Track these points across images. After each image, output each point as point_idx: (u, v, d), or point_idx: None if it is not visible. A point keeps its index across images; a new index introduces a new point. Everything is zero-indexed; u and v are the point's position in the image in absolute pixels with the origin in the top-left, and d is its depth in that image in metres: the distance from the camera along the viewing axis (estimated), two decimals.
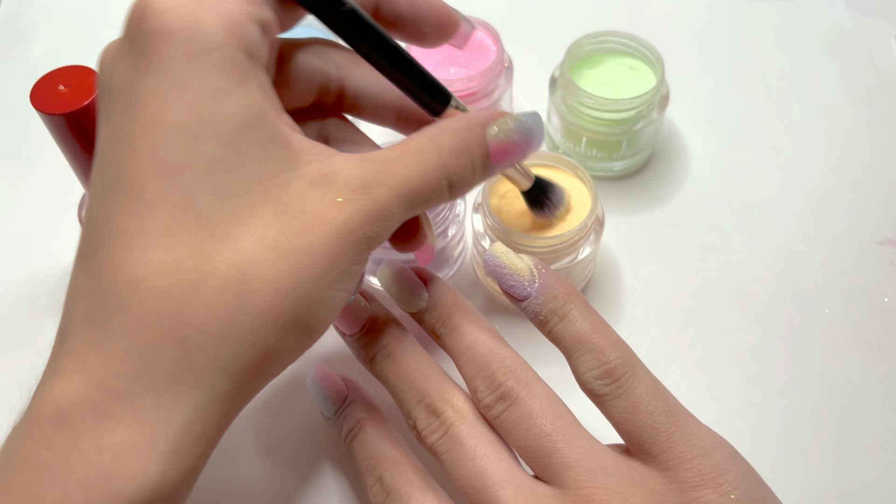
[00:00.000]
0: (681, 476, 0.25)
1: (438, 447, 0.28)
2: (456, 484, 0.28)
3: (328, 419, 0.33)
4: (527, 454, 0.27)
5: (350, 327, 0.32)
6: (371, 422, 0.32)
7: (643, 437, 0.26)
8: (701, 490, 0.25)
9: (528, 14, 0.55)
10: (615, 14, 0.54)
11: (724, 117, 0.48)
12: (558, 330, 0.29)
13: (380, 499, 0.29)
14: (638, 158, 0.45)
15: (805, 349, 0.39)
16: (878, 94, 0.49)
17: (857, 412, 0.37)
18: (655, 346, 0.39)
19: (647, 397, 0.27)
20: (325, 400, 0.33)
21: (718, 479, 0.25)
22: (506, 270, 0.30)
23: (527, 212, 0.37)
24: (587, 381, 0.28)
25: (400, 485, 0.29)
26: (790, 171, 0.46)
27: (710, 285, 0.41)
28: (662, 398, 0.27)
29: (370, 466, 0.30)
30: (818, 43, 0.52)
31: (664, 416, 0.27)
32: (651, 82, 0.43)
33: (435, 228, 0.38)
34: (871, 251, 0.42)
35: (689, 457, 0.26)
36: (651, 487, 0.26)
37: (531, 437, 0.27)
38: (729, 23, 0.54)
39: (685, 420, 0.27)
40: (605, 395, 0.27)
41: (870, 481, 0.35)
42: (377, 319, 0.32)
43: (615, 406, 0.27)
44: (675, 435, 0.26)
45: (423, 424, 0.29)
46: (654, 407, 0.27)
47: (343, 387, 0.33)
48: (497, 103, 0.44)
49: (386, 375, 0.31)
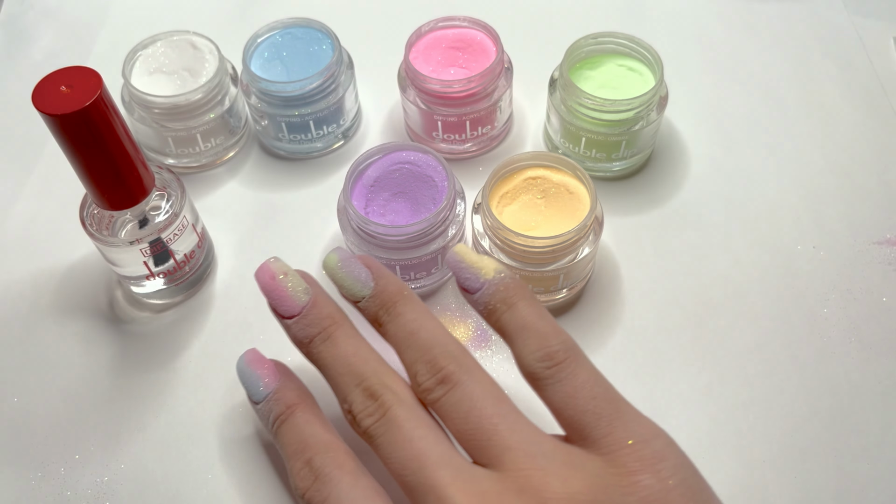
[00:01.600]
0: (620, 461, 0.25)
1: (374, 430, 0.28)
2: (390, 467, 0.27)
3: (256, 404, 0.32)
4: (465, 438, 0.27)
5: (289, 309, 0.31)
6: (303, 407, 0.31)
7: (584, 421, 0.26)
8: (640, 475, 0.25)
9: (527, 15, 0.55)
10: (614, 15, 0.54)
11: (722, 118, 0.48)
12: (506, 318, 0.29)
13: (306, 483, 0.28)
14: (637, 159, 0.45)
15: (804, 349, 0.39)
16: (877, 94, 0.49)
17: (856, 412, 0.37)
18: (655, 346, 0.39)
19: (590, 382, 0.27)
20: (256, 384, 0.32)
21: (657, 465, 0.25)
22: (464, 265, 0.31)
23: (527, 212, 0.37)
24: (529, 363, 0.27)
25: (330, 469, 0.28)
26: (789, 172, 0.46)
27: (709, 285, 0.41)
28: (604, 385, 0.27)
29: (298, 451, 0.29)
30: (817, 43, 0.52)
31: (606, 402, 0.27)
32: (650, 83, 0.43)
33: (435, 229, 0.38)
34: (870, 251, 0.42)
35: (630, 442, 0.26)
36: (590, 471, 0.25)
37: (471, 420, 0.27)
38: (728, 24, 0.54)
39: (626, 407, 0.27)
40: (547, 378, 0.27)
41: (869, 481, 0.35)
42: (317, 302, 0.31)
43: (556, 390, 0.27)
44: (616, 420, 0.26)
45: (360, 407, 0.28)
46: (597, 392, 0.27)
47: (276, 371, 0.32)
48: (497, 104, 0.44)
49: (324, 359, 0.30)
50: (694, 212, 0.44)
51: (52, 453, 0.37)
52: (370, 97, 0.50)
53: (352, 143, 0.48)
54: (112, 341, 0.40)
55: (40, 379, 0.39)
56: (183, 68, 0.45)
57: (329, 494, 0.27)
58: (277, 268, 0.32)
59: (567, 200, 0.38)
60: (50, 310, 0.42)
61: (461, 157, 0.47)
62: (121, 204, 0.36)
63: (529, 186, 0.39)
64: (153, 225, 0.37)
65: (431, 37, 0.45)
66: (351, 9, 0.55)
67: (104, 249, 0.38)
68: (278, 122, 0.45)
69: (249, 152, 0.48)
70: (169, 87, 0.44)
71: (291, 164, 0.47)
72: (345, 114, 0.47)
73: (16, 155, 0.48)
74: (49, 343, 0.41)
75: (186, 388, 0.39)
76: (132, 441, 0.37)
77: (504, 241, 0.37)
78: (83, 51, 0.54)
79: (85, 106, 0.31)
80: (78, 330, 0.41)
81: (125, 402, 0.38)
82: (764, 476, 0.35)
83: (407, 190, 0.40)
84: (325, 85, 0.44)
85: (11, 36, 0.56)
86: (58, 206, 0.46)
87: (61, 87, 0.31)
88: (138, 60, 0.45)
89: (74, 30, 0.56)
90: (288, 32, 0.46)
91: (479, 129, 0.45)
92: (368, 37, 0.53)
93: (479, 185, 0.39)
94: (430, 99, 0.44)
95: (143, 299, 0.42)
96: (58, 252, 0.44)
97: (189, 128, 0.45)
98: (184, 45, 0.46)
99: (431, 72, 0.44)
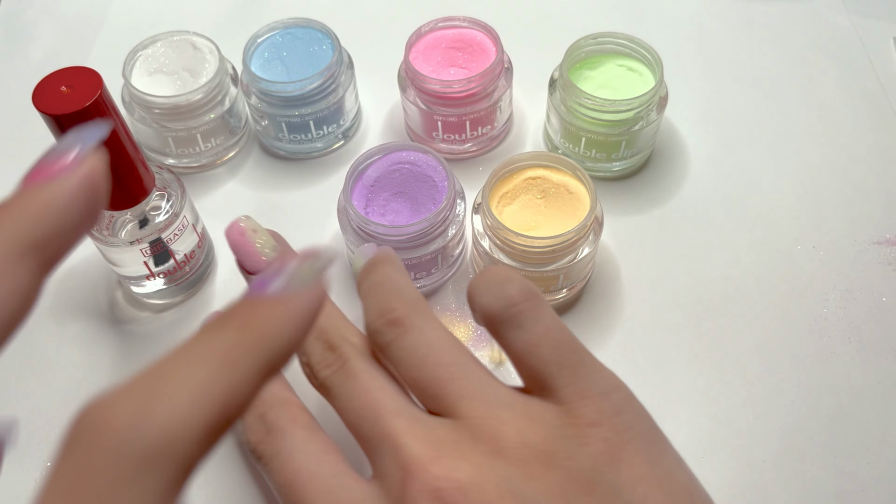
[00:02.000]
0: (579, 412, 0.25)
1: (331, 380, 0.27)
2: (346, 418, 0.26)
3: None
4: (419, 386, 0.26)
5: (254, 265, 0.31)
6: None
7: (546, 371, 0.25)
8: (598, 427, 0.24)
9: (527, 15, 0.55)
10: (614, 15, 0.55)
11: (722, 118, 0.49)
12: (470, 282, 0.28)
13: (258, 436, 0.27)
14: (637, 159, 0.45)
15: (803, 349, 0.39)
16: (877, 94, 0.49)
17: (855, 412, 0.37)
18: (654, 346, 0.39)
19: (555, 330, 0.26)
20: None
21: (616, 418, 0.25)
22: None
23: (527, 212, 0.37)
24: (488, 303, 0.26)
25: (283, 422, 0.27)
26: (788, 172, 0.46)
27: (708, 285, 0.41)
28: (568, 333, 0.26)
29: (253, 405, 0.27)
30: (817, 44, 0.52)
31: (570, 353, 0.26)
32: (650, 83, 0.43)
33: (435, 229, 0.38)
34: (870, 251, 0.42)
35: (590, 394, 0.25)
36: (548, 421, 0.25)
37: (427, 367, 0.26)
38: (728, 24, 0.54)
39: (589, 358, 0.26)
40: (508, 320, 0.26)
41: (869, 481, 0.35)
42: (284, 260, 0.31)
43: (518, 337, 0.26)
44: (579, 370, 0.25)
45: (318, 359, 0.28)
46: (561, 341, 0.26)
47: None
48: (497, 104, 0.44)
49: None
50: (694, 212, 0.44)
51: (53, 453, 0.37)
52: (370, 97, 0.50)
53: (352, 143, 0.48)
54: (112, 341, 0.40)
55: (41, 379, 0.39)
56: (183, 68, 0.45)
57: (281, 448, 0.26)
58: (247, 224, 0.32)
59: (567, 200, 0.38)
60: (50, 310, 0.42)
61: (461, 157, 0.47)
62: (121, 204, 0.36)
63: (529, 186, 0.39)
64: (153, 225, 0.37)
65: (431, 37, 0.45)
66: (351, 9, 0.55)
67: (104, 249, 0.38)
68: (278, 122, 0.45)
69: (250, 152, 0.48)
70: (169, 88, 0.44)
71: (291, 165, 0.47)
72: (345, 114, 0.47)
73: (16, 155, 0.48)
74: (49, 343, 0.41)
75: None
76: None
77: (504, 241, 0.37)
78: (83, 50, 0.54)
79: (85, 106, 0.31)
80: (78, 330, 0.41)
81: None
82: (764, 476, 0.35)
83: (407, 190, 0.40)
84: (325, 85, 0.44)
85: (11, 34, 0.56)
86: None
87: (62, 88, 0.31)
88: (138, 61, 0.45)
89: (74, 29, 0.56)
90: (288, 32, 0.46)
91: (479, 129, 0.45)
92: (368, 37, 0.53)
93: (479, 185, 0.39)
94: (430, 99, 0.44)
95: (143, 299, 0.42)
96: None
97: (189, 128, 0.45)
98: (184, 45, 0.46)
99: (431, 72, 0.44)
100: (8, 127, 0.50)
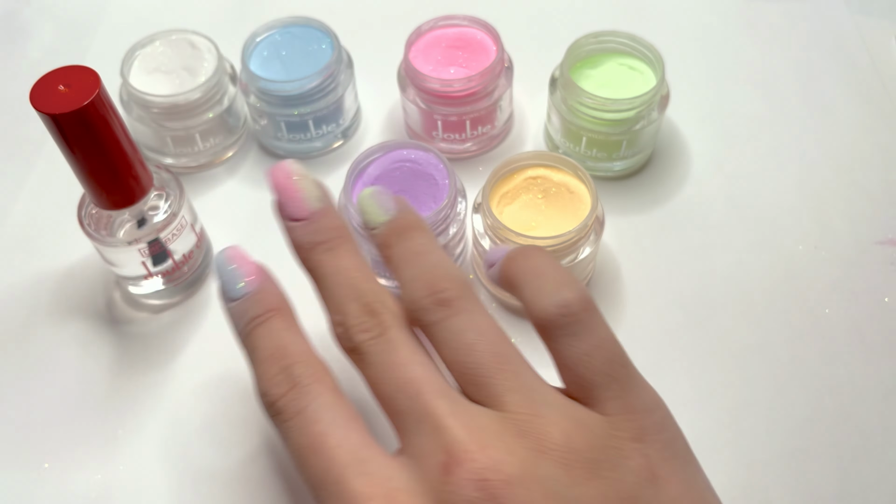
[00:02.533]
0: (623, 426, 0.25)
1: (368, 346, 0.26)
2: (379, 387, 0.25)
3: (230, 301, 0.29)
4: (464, 371, 0.25)
5: (297, 211, 0.29)
6: (283, 313, 0.28)
7: (596, 381, 0.25)
8: (640, 443, 0.24)
9: (528, 14, 0.55)
10: (615, 14, 0.54)
11: (724, 117, 0.48)
12: (518, 264, 0.28)
13: (281, 389, 0.25)
14: (638, 158, 0.45)
15: (805, 349, 0.39)
16: (879, 93, 0.49)
17: (857, 412, 0.37)
18: (656, 346, 0.39)
19: (609, 342, 0.26)
20: (235, 279, 0.29)
21: (657, 436, 0.25)
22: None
23: (527, 211, 0.36)
24: (544, 307, 0.26)
25: (310, 381, 0.25)
26: (790, 171, 0.46)
27: (710, 285, 0.41)
28: (619, 347, 0.26)
29: (275, 356, 0.26)
30: (818, 43, 0.52)
31: (620, 366, 0.25)
32: (651, 82, 0.43)
33: (436, 228, 0.38)
34: (871, 251, 0.42)
35: (635, 409, 0.25)
36: (593, 429, 0.25)
37: (476, 353, 0.25)
38: (729, 23, 0.54)
39: (635, 373, 0.26)
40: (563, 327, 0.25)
41: (870, 481, 0.35)
42: (328, 212, 0.29)
43: (571, 345, 0.25)
44: (626, 385, 0.25)
45: (356, 321, 0.26)
46: (614, 354, 0.26)
47: (259, 270, 0.29)
48: (497, 103, 0.44)
49: (323, 267, 0.28)
50: (695, 211, 0.44)
51: (51, 453, 0.37)
52: (370, 96, 0.50)
53: (351, 142, 0.48)
54: (110, 342, 0.40)
55: (38, 379, 0.39)
56: (181, 67, 0.45)
57: (307, 406, 0.25)
58: (295, 168, 0.30)
59: (568, 200, 0.38)
60: (48, 310, 0.41)
61: (461, 156, 0.47)
62: (119, 203, 0.36)
63: (530, 186, 0.39)
64: (151, 225, 0.37)
65: (431, 36, 0.45)
66: (351, 8, 0.55)
67: (102, 249, 0.38)
68: (277, 121, 0.45)
69: (248, 152, 0.48)
70: (167, 87, 0.44)
71: None
72: (344, 113, 0.46)
73: (14, 155, 0.48)
74: (47, 344, 0.41)
75: (185, 388, 0.39)
76: (131, 441, 0.37)
77: (504, 241, 0.37)
78: (81, 49, 0.54)
79: (83, 105, 0.31)
80: (76, 330, 0.41)
81: (124, 402, 0.38)
82: (765, 476, 0.35)
83: (408, 188, 0.39)
84: (324, 84, 0.44)
85: (8, 33, 0.55)
86: (56, 206, 0.45)
87: (59, 87, 0.31)
88: (137, 59, 0.45)
89: (72, 28, 0.55)
90: (287, 31, 0.46)
91: (480, 128, 0.45)
92: (368, 36, 0.53)
93: (479, 184, 0.39)
94: (430, 98, 0.43)
95: (141, 300, 0.41)
96: (56, 252, 0.44)
97: (188, 127, 0.44)
98: (182, 44, 0.46)
99: (431, 71, 0.44)
100: (5, 126, 0.50)
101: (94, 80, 0.31)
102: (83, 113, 0.31)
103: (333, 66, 0.44)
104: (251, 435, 0.37)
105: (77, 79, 0.31)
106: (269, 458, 0.36)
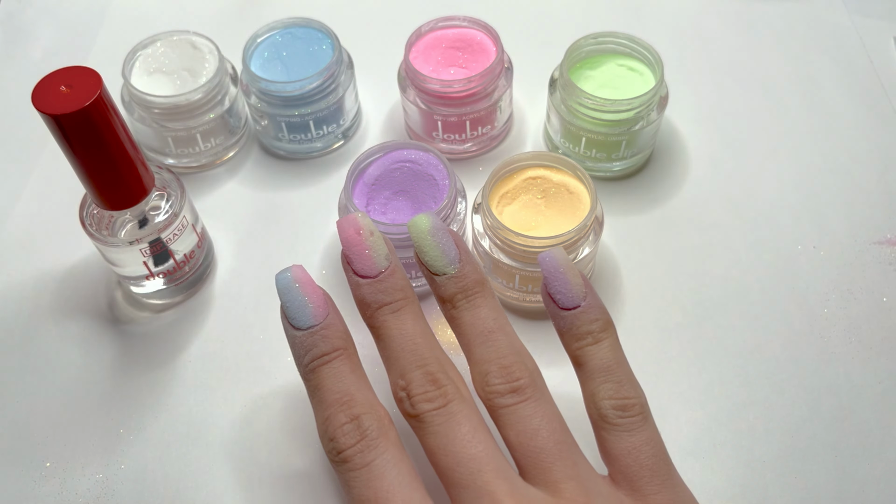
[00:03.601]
0: None
1: (431, 417, 0.27)
2: (440, 458, 0.26)
3: (295, 330, 0.29)
4: (526, 453, 0.27)
5: (367, 269, 0.30)
6: (349, 353, 0.29)
7: (641, 475, 0.27)
8: None
9: (527, 15, 0.55)
10: (615, 15, 0.54)
11: (723, 118, 0.48)
12: (590, 351, 0.29)
13: (351, 440, 0.26)
14: (637, 159, 0.45)
15: (804, 349, 0.39)
16: (877, 94, 0.49)
17: (856, 412, 0.37)
18: (655, 346, 0.39)
19: (654, 441, 0.28)
20: (303, 308, 0.29)
21: None
22: (562, 273, 0.30)
23: (527, 212, 0.37)
24: (602, 406, 0.28)
25: (377, 434, 0.26)
26: (789, 172, 0.46)
27: (709, 285, 0.41)
28: (662, 445, 0.28)
29: (343, 402, 0.27)
30: (817, 43, 0.52)
31: (665, 464, 0.28)
32: (650, 83, 0.43)
33: None
34: (870, 251, 0.42)
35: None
36: None
37: (540, 438, 0.27)
38: (728, 24, 0.54)
39: (674, 471, 0.28)
40: (617, 425, 0.28)
41: (869, 481, 0.35)
42: (396, 272, 0.30)
43: (622, 439, 0.28)
44: (668, 482, 0.27)
45: (419, 389, 0.27)
46: (659, 451, 0.28)
47: (326, 300, 0.29)
48: (497, 104, 0.44)
49: (388, 329, 0.29)
50: (694, 212, 0.44)
51: (52, 453, 0.37)
52: (370, 97, 0.50)
53: (352, 143, 0.48)
54: (112, 341, 0.40)
55: (40, 379, 0.39)
56: (183, 68, 0.45)
57: (373, 461, 0.26)
58: (364, 224, 0.30)
59: (567, 200, 0.38)
60: (50, 310, 0.42)
61: (461, 156, 0.47)
62: (120, 204, 0.36)
63: (529, 186, 0.39)
64: (153, 225, 0.37)
65: (431, 37, 0.45)
66: (351, 9, 0.55)
67: (104, 249, 0.38)
68: (278, 121, 0.45)
69: (249, 152, 0.48)
70: (169, 87, 0.44)
71: (291, 164, 0.47)
72: (345, 114, 0.47)
73: (15, 155, 0.48)
74: (49, 343, 0.41)
75: (186, 388, 0.39)
76: (132, 441, 0.37)
77: (504, 241, 0.37)
78: (83, 50, 0.54)
79: (85, 106, 0.31)
80: (78, 330, 0.41)
81: (125, 402, 0.38)
82: (764, 476, 0.35)
83: (408, 188, 0.40)
84: (324, 85, 0.44)
85: (10, 34, 0.56)
86: (58, 206, 0.45)
87: (61, 87, 0.31)
88: (138, 60, 0.45)
89: (74, 29, 0.56)
90: (288, 32, 0.46)
91: (479, 128, 0.45)
92: (368, 37, 0.53)
93: (479, 184, 0.39)
94: (430, 99, 0.44)
95: (142, 299, 0.42)
96: (58, 252, 0.44)
97: (189, 128, 0.44)
98: (184, 44, 0.46)
99: (431, 72, 0.44)
100: (7, 127, 0.50)
101: (96, 81, 0.31)
102: (85, 113, 0.31)
103: (334, 67, 0.44)
104: (253, 434, 0.37)
105: (79, 79, 0.31)
106: (270, 457, 0.36)
